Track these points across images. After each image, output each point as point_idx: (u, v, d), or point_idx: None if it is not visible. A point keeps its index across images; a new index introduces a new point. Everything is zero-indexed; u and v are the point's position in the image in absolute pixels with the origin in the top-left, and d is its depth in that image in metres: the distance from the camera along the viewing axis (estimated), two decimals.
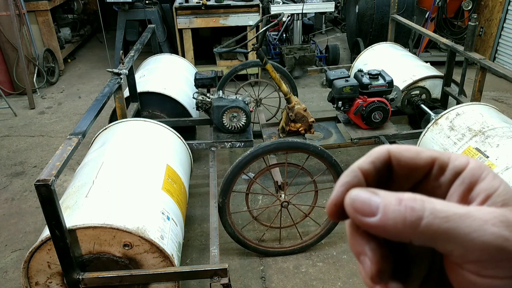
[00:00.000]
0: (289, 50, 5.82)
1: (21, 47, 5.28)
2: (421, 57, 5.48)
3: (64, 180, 3.77)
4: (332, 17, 8.60)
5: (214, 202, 2.79)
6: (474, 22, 3.37)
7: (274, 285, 2.77)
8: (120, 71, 3.09)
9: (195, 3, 5.33)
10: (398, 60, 4.21)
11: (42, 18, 6.08)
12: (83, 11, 7.63)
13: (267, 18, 3.37)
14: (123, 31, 6.02)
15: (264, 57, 3.29)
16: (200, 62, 5.83)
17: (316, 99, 5.38)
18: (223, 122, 3.37)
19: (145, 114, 3.67)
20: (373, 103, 3.35)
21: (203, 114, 3.65)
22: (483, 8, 6.34)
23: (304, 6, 5.44)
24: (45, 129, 4.87)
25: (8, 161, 4.23)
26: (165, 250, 2.12)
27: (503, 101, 5.31)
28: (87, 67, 6.88)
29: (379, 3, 5.76)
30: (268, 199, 3.51)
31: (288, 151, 2.76)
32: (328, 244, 3.08)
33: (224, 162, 4.08)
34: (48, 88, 5.99)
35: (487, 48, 6.37)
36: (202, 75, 3.68)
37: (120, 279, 2.10)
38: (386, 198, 0.29)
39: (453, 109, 3.10)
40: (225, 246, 3.04)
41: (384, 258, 0.30)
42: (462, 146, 2.81)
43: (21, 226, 3.32)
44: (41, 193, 1.81)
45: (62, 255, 1.98)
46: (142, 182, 2.42)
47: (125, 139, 2.78)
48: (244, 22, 5.44)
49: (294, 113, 3.35)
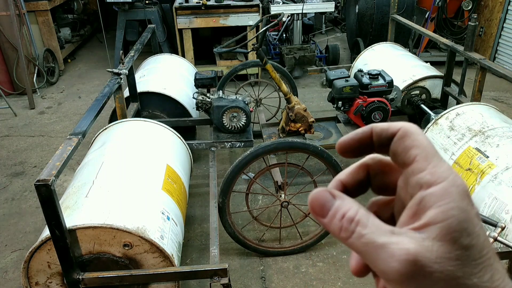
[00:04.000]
0: (289, 50, 5.82)
1: (21, 47, 5.29)
2: (421, 57, 5.48)
3: (64, 180, 3.77)
4: (332, 17, 8.60)
5: (214, 202, 2.79)
6: (474, 22, 3.37)
7: (274, 285, 2.77)
8: (120, 71, 3.09)
9: (195, 3, 5.33)
10: (398, 60, 4.21)
11: (42, 18, 6.08)
12: (83, 11, 7.63)
13: (267, 18, 3.37)
14: (123, 31, 6.02)
15: (264, 57, 3.29)
16: (200, 62, 5.83)
17: (316, 99, 5.38)
18: (223, 122, 3.37)
19: (145, 114, 3.67)
20: (373, 103, 3.35)
21: (203, 114, 3.66)
22: (483, 8, 6.34)
23: (304, 6, 5.44)
24: (45, 129, 4.87)
25: (8, 161, 4.23)
26: (165, 250, 2.12)
27: (503, 101, 5.31)
28: (87, 67, 6.88)
29: (379, 3, 5.76)
30: (268, 199, 3.51)
31: (288, 151, 2.76)
32: (328, 244, 3.08)
33: (224, 162, 4.08)
34: (48, 88, 6.00)
35: (487, 48, 6.38)
36: (202, 75, 3.68)
37: (120, 279, 2.10)
38: (337, 208, 0.35)
39: (453, 109, 3.10)
40: (225, 246, 3.04)
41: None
42: (462, 146, 2.81)
43: (21, 226, 3.32)
44: (41, 193, 1.81)
45: (62, 255, 1.98)
46: (142, 182, 2.42)
47: (125, 139, 2.78)
48: (244, 22, 5.44)
49: (294, 113, 3.36)
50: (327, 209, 0.35)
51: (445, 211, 0.32)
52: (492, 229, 1.97)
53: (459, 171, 2.75)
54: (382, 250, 0.32)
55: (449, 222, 0.31)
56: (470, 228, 0.32)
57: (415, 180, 0.34)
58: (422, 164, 0.34)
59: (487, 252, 0.32)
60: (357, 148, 0.38)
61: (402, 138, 0.36)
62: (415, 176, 0.34)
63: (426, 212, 0.32)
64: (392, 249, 0.31)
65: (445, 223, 0.31)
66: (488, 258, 0.32)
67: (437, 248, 0.31)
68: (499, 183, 2.44)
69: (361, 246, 0.33)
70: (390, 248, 0.31)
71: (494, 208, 2.38)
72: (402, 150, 0.35)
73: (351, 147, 0.39)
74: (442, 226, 0.31)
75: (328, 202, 0.35)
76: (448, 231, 0.31)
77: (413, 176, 0.34)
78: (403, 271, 0.31)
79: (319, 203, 0.35)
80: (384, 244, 0.32)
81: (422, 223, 0.32)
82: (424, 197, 0.33)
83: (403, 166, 0.36)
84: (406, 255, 0.31)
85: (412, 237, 0.32)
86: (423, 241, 0.31)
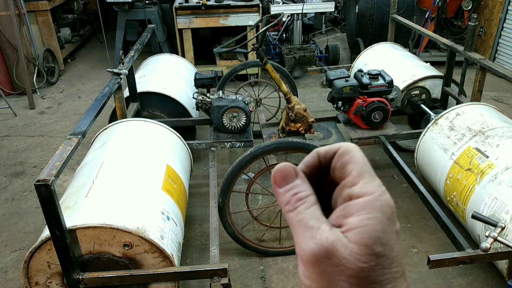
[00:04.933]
0: (289, 50, 5.82)
1: (21, 47, 5.29)
2: (421, 57, 5.48)
3: (64, 180, 3.77)
4: (332, 17, 8.60)
5: (214, 202, 2.79)
6: (474, 22, 3.38)
7: (274, 285, 2.77)
8: (120, 71, 3.09)
9: (195, 3, 5.33)
10: (398, 60, 4.21)
11: (42, 18, 6.08)
12: (83, 11, 7.63)
13: (267, 18, 3.37)
14: (123, 31, 6.02)
15: (264, 57, 3.29)
16: (200, 62, 5.83)
17: (316, 99, 5.38)
18: (223, 122, 3.37)
19: (145, 114, 3.67)
20: (373, 103, 3.35)
21: (203, 114, 3.66)
22: (483, 8, 6.34)
23: (304, 6, 5.44)
24: (45, 129, 4.87)
25: (8, 161, 4.23)
26: (165, 250, 2.12)
27: (503, 101, 5.31)
28: (87, 67, 6.88)
29: (379, 3, 5.76)
30: (268, 199, 3.51)
31: (288, 151, 2.76)
32: None
33: (224, 162, 4.09)
34: (48, 88, 5.99)
35: (487, 48, 6.38)
36: (202, 75, 3.68)
37: (120, 279, 2.10)
38: (294, 185, 0.40)
39: (453, 109, 3.10)
40: (225, 246, 3.04)
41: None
42: (462, 146, 2.81)
43: (21, 226, 3.32)
44: (41, 193, 1.81)
45: (62, 255, 1.98)
46: (142, 182, 2.42)
47: (125, 139, 2.78)
48: (244, 22, 5.44)
49: (294, 113, 3.36)
50: (286, 183, 0.40)
51: (363, 219, 0.36)
52: (492, 229, 1.97)
53: (459, 171, 2.75)
54: (308, 230, 0.37)
55: (365, 229, 0.36)
56: (384, 239, 0.36)
57: (347, 192, 0.39)
58: (355, 179, 0.39)
59: (398, 266, 0.36)
60: (310, 174, 0.42)
61: (341, 155, 0.40)
62: (347, 189, 0.39)
63: (349, 218, 0.37)
64: (315, 233, 0.37)
65: (361, 229, 0.36)
66: (396, 272, 0.36)
67: (351, 247, 0.35)
68: (499, 183, 2.44)
69: (295, 221, 0.38)
70: (314, 231, 0.37)
71: (494, 208, 2.38)
72: (340, 165, 0.40)
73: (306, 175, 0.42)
74: (359, 231, 0.36)
75: (290, 178, 0.40)
76: (363, 236, 0.35)
77: (346, 188, 0.39)
78: (316, 252, 0.36)
79: (281, 175, 0.40)
80: (312, 227, 0.37)
81: (345, 228, 0.37)
82: (349, 205, 0.38)
83: (339, 180, 0.40)
84: (323, 241, 0.36)
85: (334, 232, 0.37)
86: (342, 238, 0.36)
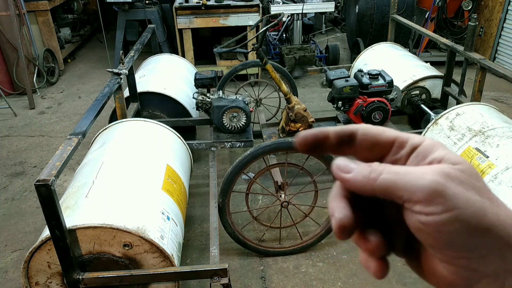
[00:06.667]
0: (289, 50, 5.82)
1: (21, 47, 5.28)
2: (421, 57, 5.47)
3: (64, 180, 3.77)
4: (332, 17, 8.60)
5: (214, 202, 2.79)
6: (474, 22, 3.37)
7: (274, 285, 2.77)
8: (120, 71, 3.09)
9: (195, 3, 5.33)
10: (398, 60, 4.21)
11: (42, 18, 6.08)
12: (83, 11, 7.63)
13: (267, 18, 3.37)
14: (123, 31, 6.02)
15: (264, 57, 3.29)
16: (200, 62, 5.83)
17: (316, 99, 5.38)
18: (223, 122, 3.37)
19: (145, 114, 3.67)
20: (373, 103, 3.35)
21: (203, 114, 3.65)
22: (483, 8, 6.34)
23: (304, 6, 5.44)
24: (45, 129, 4.87)
25: (8, 161, 4.23)
26: (165, 250, 2.12)
27: (503, 101, 5.31)
28: (87, 67, 6.88)
29: (379, 3, 5.76)
30: (268, 199, 3.51)
31: (288, 151, 2.76)
32: (328, 244, 3.08)
33: (224, 162, 4.09)
34: (48, 88, 5.99)
35: (487, 48, 6.37)
36: (202, 75, 3.68)
37: (120, 279, 2.10)
38: (361, 165, 0.38)
39: (453, 109, 3.10)
40: (225, 246, 3.04)
41: (347, 217, 0.37)
42: (462, 146, 2.81)
43: (21, 226, 3.33)
44: (41, 193, 1.81)
45: (62, 255, 1.98)
46: (142, 182, 2.42)
47: (125, 139, 2.78)
48: (244, 22, 5.44)
49: (294, 113, 3.36)
50: (353, 167, 0.38)
51: (452, 156, 0.35)
52: None
53: None
54: (410, 174, 0.35)
55: (458, 160, 0.35)
56: (478, 175, 0.35)
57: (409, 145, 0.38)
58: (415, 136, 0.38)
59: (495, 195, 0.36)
60: (312, 143, 0.41)
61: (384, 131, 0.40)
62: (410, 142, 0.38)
63: (432, 154, 0.36)
64: (420, 171, 0.34)
65: (453, 161, 0.35)
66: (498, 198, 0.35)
67: (457, 172, 0.34)
68: (499, 183, 2.44)
69: (392, 177, 0.35)
70: (418, 171, 0.35)
71: None
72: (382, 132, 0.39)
73: (307, 141, 0.41)
74: (454, 162, 0.35)
75: (351, 164, 0.39)
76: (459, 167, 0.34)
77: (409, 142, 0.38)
78: (434, 185, 0.33)
79: (344, 164, 0.38)
80: (411, 170, 0.35)
81: (432, 158, 0.36)
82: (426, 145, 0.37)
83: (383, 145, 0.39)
84: (437, 172, 0.34)
85: (431, 167, 0.35)
86: (444, 168, 0.34)
